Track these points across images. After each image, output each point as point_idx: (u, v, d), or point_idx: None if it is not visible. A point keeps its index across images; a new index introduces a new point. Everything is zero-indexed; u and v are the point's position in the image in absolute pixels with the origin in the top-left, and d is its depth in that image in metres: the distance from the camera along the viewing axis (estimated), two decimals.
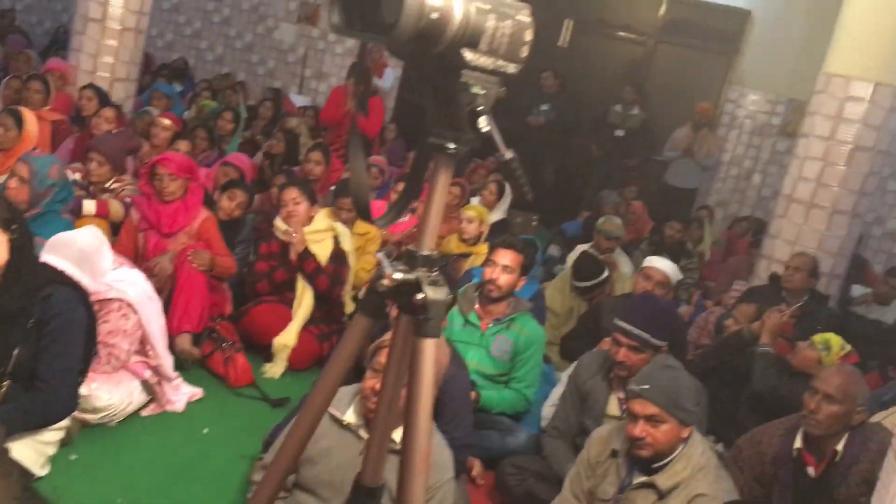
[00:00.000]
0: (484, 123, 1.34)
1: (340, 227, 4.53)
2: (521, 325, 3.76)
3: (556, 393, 3.85)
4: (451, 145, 1.39)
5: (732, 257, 7.25)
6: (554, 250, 7.29)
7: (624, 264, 5.92)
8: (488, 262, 3.76)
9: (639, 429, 2.59)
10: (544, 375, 4.20)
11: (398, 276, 1.41)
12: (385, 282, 1.41)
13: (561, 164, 9.23)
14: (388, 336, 2.52)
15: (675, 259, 6.31)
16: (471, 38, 1.32)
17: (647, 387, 2.59)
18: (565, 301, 5.10)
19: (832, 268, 5.37)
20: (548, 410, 3.80)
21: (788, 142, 8.47)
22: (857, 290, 5.80)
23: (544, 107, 9.20)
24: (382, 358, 2.48)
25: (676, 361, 2.82)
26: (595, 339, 4.10)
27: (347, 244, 4.51)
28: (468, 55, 1.32)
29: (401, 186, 5.56)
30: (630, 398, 2.67)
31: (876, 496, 1.67)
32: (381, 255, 1.45)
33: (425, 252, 1.43)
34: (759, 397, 3.92)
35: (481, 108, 1.34)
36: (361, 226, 5.04)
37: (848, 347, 3.78)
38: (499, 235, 4.99)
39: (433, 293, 1.40)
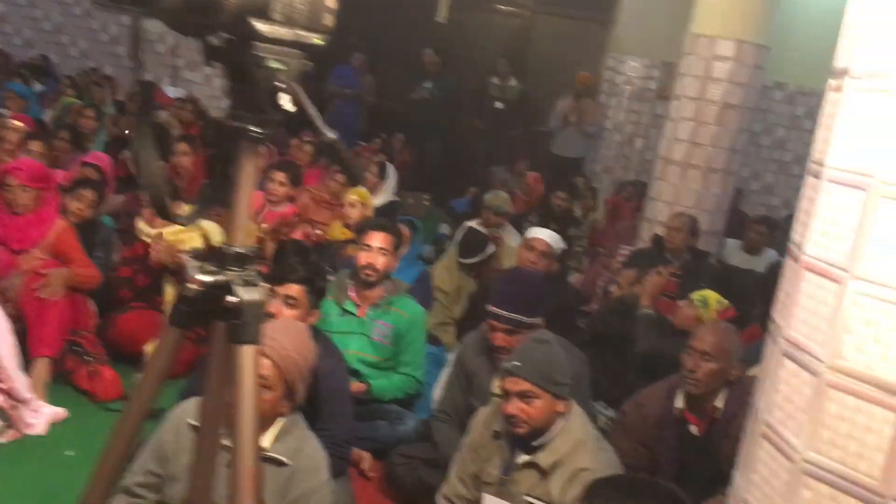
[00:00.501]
0: (286, 102, 1.21)
1: (209, 225, 4.30)
2: (401, 308, 3.66)
3: (447, 375, 3.77)
4: (255, 128, 1.26)
5: (619, 222, 7.35)
6: (444, 229, 7.23)
7: (512, 238, 5.90)
8: (361, 246, 3.63)
9: (512, 407, 2.53)
10: (435, 358, 4.12)
11: (205, 278, 1.27)
12: (192, 286, 1.27)
13: (447, 141, 9.17)
14: None
15: (563, 228, 6.33)
16: (259, 6, 1.18)
17: (518, 364, 2.53)
18: (453, 279, 5.03)
19: (710, 225, 5.49)
20: (439, 394, 3.73)
21: (666, 105, 8.64)
22: (732, 244, 5.94)
23: (427, 84, 9.11)
24: None
25: (550, 335, 2.77)
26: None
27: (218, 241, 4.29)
28: (259, 26, 1.19)
29: (279, 175, 5.35)
30: (503, 376, 2.60)
31: (742, 453, 1.65)
32: (186, 257, 1.31)
33: (237, 249, 1.30)
34: (646, 360, 3.94)
35: (281, 84, 1.21)
36: None
37: (725, 303, 3.84)
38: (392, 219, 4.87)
39: (247, 294, 1.27)
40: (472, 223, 5.73)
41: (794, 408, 1.49)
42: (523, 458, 2.61)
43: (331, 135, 1.30)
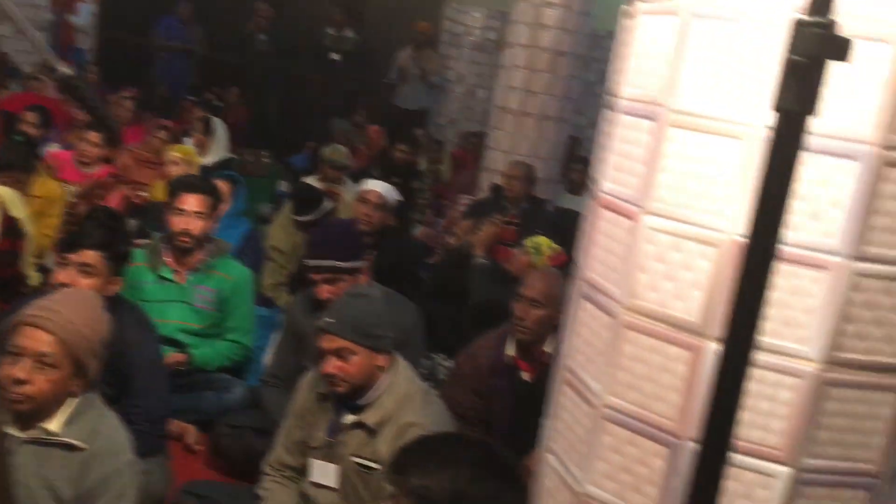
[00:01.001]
0: None
1: (6, 193, 3.87)
2: (224, 270, 3.44)
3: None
4: None
5: (463, 173, 7.33)
6: (284, 186, 6.95)
7: (352, 193, 5.74)
8: (174, 210, 3.35)
9: (329, 365, 2.40)
10: (268, 321, 3.93)
11: None
12: None
13: (284, 94, 8.82)
14: (26, 312, 2.11)
15: (406, 181, 6.22)
16: None
17: (330, 320, 2.40)
18: (289, 238, 4.81)
19: (546, 172, 5.53)
20: (270, 358, 3.55)
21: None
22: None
23: (262, 37, 8.69)
24: (22, 339, 2.07)
25: (369, 287, 2.66)
26: None
27: (19, 211, 3.88)
28: None
29: (91, 135, 4.92)
30: (318, 335, 2.47)
31: (550, 401, 1.58)
32: None
33: None
34: (482, 309, 3.92)
35: None
36: (40, 187, 4.37)
37: (557, 248, 3.85)
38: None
39: None
40: (310, 179, 5.52)
41: (594, 351, 1.43)
42: (349, 418, 2.50)
43: (64, 69, 1.09)
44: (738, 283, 0.87)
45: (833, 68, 1.17)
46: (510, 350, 3.04)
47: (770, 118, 0.88)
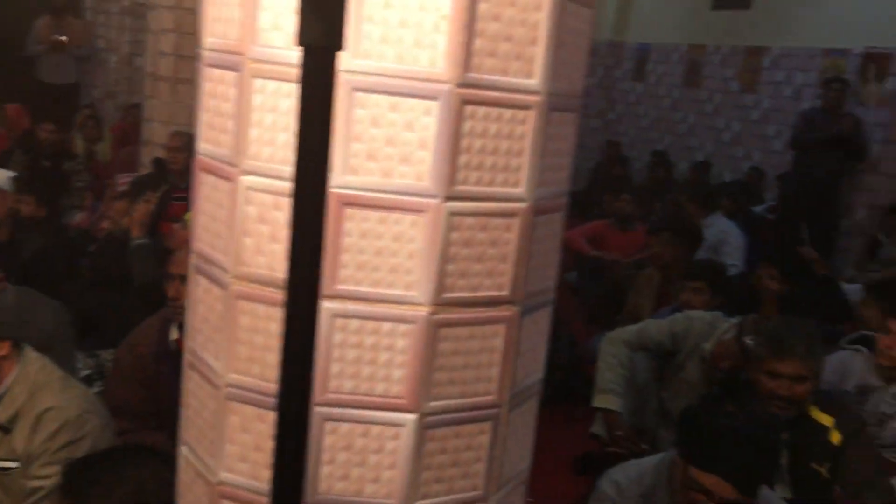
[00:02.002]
0: None
1: None
2: None
3: None
4: None
5: (124, 150, 6.77)
6: None
7: None
8: None
9: None
10: None
11: None
12: None
13: None
14: None
15: (56, 163, 5.58)
16: None
17: None
18: None
19: None
20: None
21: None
22: None
23: None
24: None
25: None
26: None
27: None
28: None
29: None
30: None
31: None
32: None
33: None
34: (146, 293, 3.63)
35: None
36: None
37: None
38: None
39: None
40: None
41: (211, 328, 1.32)
42: None
43: None
44: (292, 232, 0.80)
45: (399, 6, 1.15)
46: (174, 334, 2.83)
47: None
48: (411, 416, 1.25)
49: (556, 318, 4.60)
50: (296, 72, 1.15)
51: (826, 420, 2.52)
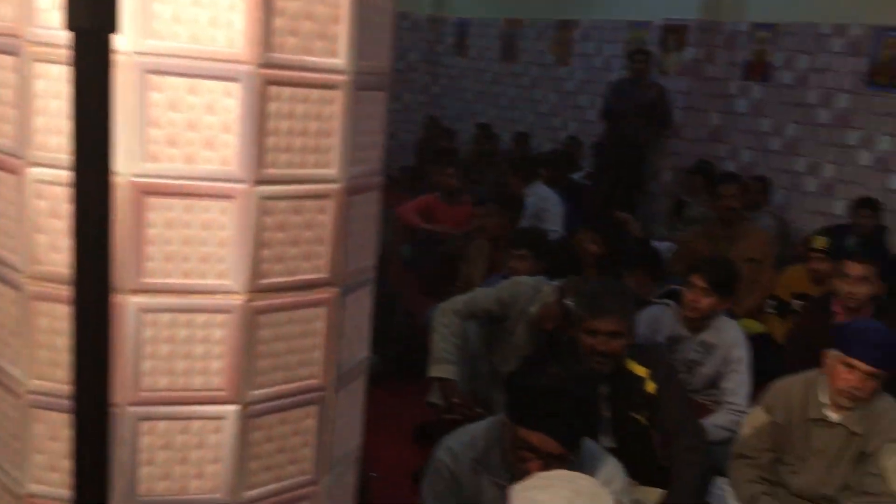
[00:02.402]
0: None
1: None
2: None
3: None
4: None
5: None
6: None
7: None
8: None
9: None
10: None
11: None
12: None
13: None
14: None
15: None
16: None
17: None
18: None
19: None
20: None
21: None
22: None
23: None
24: None
25: None
26: None
27: None
28: None
29: None
30: None
31: None
32: None
33: None
34: None
35: None
36: None
37: None
38: None
39: None
40: None
41: (7, 333, 1.22)
42: None
43: None
44: (75, 224, 0.76)
45: None
46: None
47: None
48: (233, 408, 1.23)
49: (392, 292, 4.62)
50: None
51: (641, 371, 2.70)
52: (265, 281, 1.22)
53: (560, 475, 1.53)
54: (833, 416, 2.65)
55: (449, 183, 5.71)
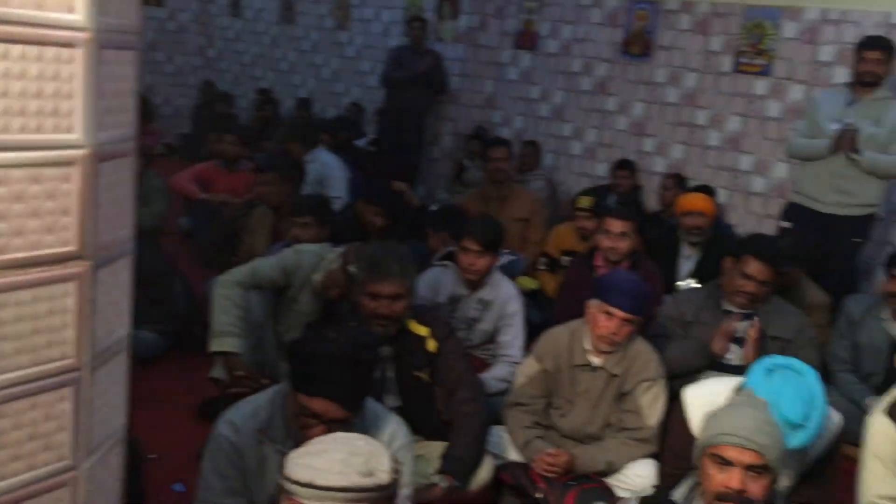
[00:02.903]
0: None
1: None
2: None
3: None
4: None
5: None
6: None
7: None
8: None
9: None
10: None
11: None
12: None
13: None
14: None
15: None
16: None
17: None
18: None
19: None
20: None
21: None
22: None
23: None
24: None
25: None
26: None
27: None
28: None
29: None
30: None
31: None
32: None
33: None
34: None
35: None
36: None
37: None
38: None
39: None
40: None
41: None
42: None
43: None
44: None
45: None
46: None
47: None
48: None
49: (170, 265, 4.43)
50: None
51: (423, 331, 2.78)
52: (3, 257, 1.12)
53: (336, 438, 1.54)
54: (595, 360, 2.89)
55: (227, 150, 5.52)
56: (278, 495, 1.51)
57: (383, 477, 1.49)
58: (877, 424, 2.49)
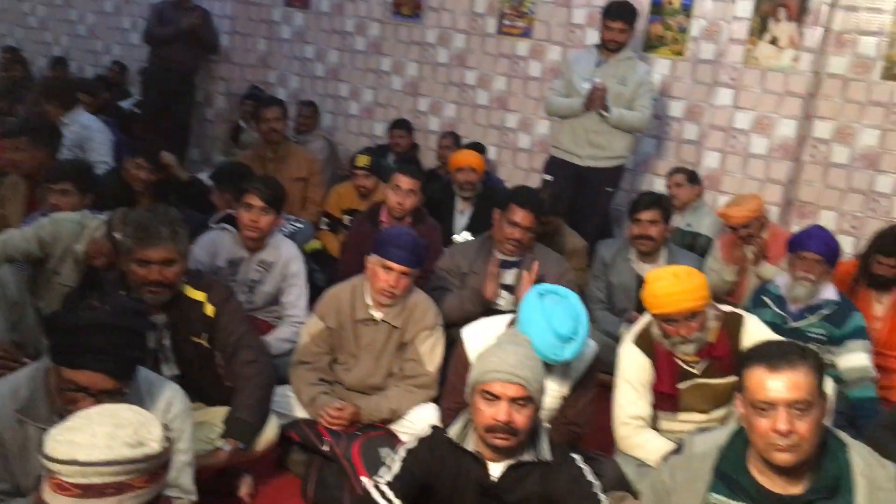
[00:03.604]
0: None
1: None
2: None
3: None
4: None
5: None
6: None
7: None
8: None
9: None
10: None
11: None
12: None
13: None
14: None
15: None
16: None
17: None
18: None
19: None
20: None
21: None
22: None
23: None
24: None
25: None
26: None
27: None
28: None
29: None
30: None
31: None
32: None
33: None
34: None
35: None
36: None
37: None
38: None
39: None
40: None
41: None
42: None
43: None
44: None
45: None
46: None
47: None
48: None
49: None
50: None
51: (199, 296, 2.70)
52: None
53: (99, 410, 1.47)
54: (376, 314, 2.97)
55: None
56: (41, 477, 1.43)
57: (154, 446, 1.45)
58: (627, 352, 2.78)
